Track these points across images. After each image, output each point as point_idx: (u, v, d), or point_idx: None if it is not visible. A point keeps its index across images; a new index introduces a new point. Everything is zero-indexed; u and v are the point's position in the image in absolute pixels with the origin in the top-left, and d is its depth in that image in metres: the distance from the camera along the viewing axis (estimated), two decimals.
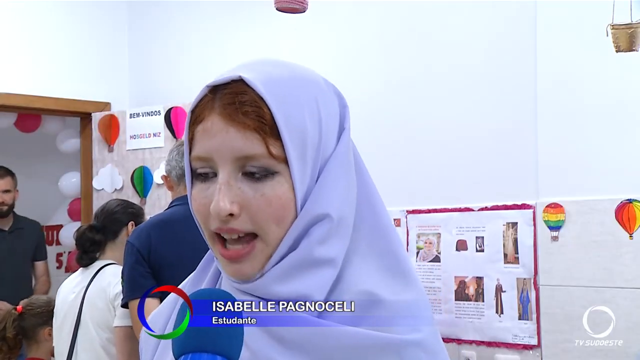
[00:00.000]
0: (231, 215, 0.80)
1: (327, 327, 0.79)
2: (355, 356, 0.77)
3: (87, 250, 3.06)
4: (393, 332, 0.78)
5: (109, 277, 2.93)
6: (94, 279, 2.97)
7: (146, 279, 2.53)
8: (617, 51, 2.43)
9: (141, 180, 4.36)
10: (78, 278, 3.09)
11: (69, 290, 3.07)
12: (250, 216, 0.81)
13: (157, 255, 2.53)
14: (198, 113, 0.83)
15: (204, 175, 0.83)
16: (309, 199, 0.82)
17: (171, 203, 2.74)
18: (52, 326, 3.12)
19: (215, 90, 0.82)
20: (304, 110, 0.82)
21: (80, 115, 4.78)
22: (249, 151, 0.80)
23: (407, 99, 3.36)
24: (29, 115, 5.18)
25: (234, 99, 0.80)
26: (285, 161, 0.81)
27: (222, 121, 0.80)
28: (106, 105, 4.72)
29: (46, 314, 3.16)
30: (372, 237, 0.87)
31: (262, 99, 0.80)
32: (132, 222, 3.06)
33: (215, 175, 0.82)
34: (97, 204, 4.50)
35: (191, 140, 0.84)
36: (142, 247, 2.54)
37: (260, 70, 0.83)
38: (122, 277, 2.64)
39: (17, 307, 3.23)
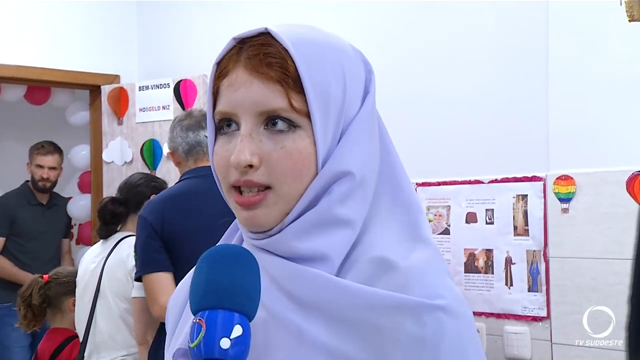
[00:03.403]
0: (250, 166, 0.80)
1: (345, 286, 0.79)
2: (373, 316, 0.77)
3: (108, 223, 3.09)
4: (411, 295, 0.77)
5: (128, 248, 2.95)
6: (114, 250, 3.01)
7: (159, 253, 2.53)
8: (630, 21, 2.40)
9: (150, 153, 4.37)
10: (99, 249, 3.13)
11: (90, 261, 3.12)
12: (269, 169, 0.81)
13: (170, 228, 2.52)
14: (223, 66, 0.84)
15: (227, 128, 0.84)
16: (331, 157, 0.82)
17: (182, 176, 2.74)
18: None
19: (242, 44, 0.83)
20: (328, 68, 0.82)
21: (89, 87, 4.79)
22: (271, 105, 0.80)
23: (417, 70, 3.34)
24: (39, 87, 5.18)
25: (259, 51, 0.81)
26: (308, 116, 0.81)
27: (246, 73, 0.81)
28: (115, 78, 4.72)
29: (71, 284, 3.20)
30: (393, 204, 0.87)
31: (287, 52, 0.80)
32: (154, 195, 3.08)
33: (238, 128, 0.82)
34: (107, 176, 4.52)
35: (215, 94, 0.85)
36: (154, 221, 2.53)
37: (287, 28, 0.83)
38: (134, 251, 2.65)
39: (44, 275, 3.27)
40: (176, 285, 2.55)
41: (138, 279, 2.62)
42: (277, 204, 0.82)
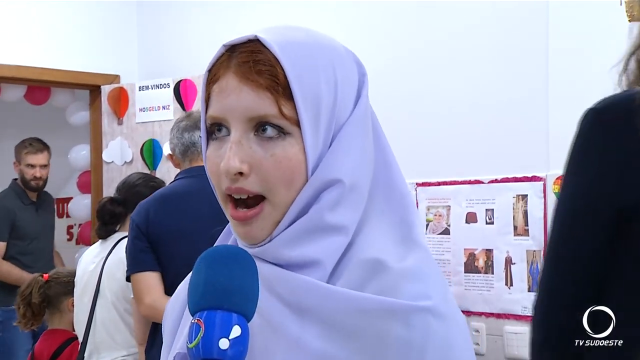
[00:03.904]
0: (241, 174, 0.80)
1: (335, 292, 0.79)
2: (363, 320, 0.77)
3: (107, 223, 3.09)
4: (401, 297, 0.78)
5: None
6: (113, 250, 3.01)
7: (145, 253, 2.56)
8: (630, 20, 2.40)
9: (150, 153, 4.37)
10: (97, 249, 3.13)
11: (89, 261, 3.12)
12: (259, 177, 0.80)
13: (155, 229, 2.55)
14: (214, 72, 0.84)
15: (218, 133, 0.83)
16: (321, 164, 0.82)
17: (176, 176, 2.76)
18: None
19: (232, 50, 0.83)
20: (319, 74, 0.82)
21: (89, 87, 4.79)
22: (261, 111, 0.80)
23: (417, 70, 3.34)
24: (39, 87, 5.18)
25: (249, 58, 0.81)
26: (298, 123, 0.80)
27: (236, 79, 0.81)
28: (115, 78, 4.72)
29: (71, 284, 3.20)
30: (387, 207, 0.87)
31: (277, 59, 0.80)
32: None
33: (229, 134, 0.82)
34: (107, 176, 4.52)
35: (207, 99, 0.85)
36: (140, 222, 2.57)
37: (278, 33, 0.83)
38: (125, 253, 2.68)
39: (44, 275, 3.27)
40: (163, 285, 2.60)
41: (127, 279, 2.64)
42: (272, 215, 0.82)
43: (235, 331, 0.72)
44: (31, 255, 4.59)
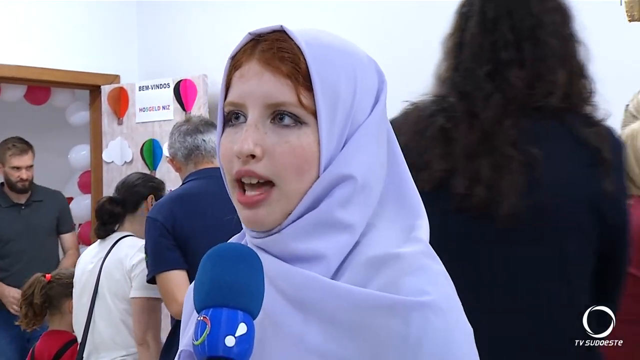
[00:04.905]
0: (253, 156, 0.81)
1: (337, 287, 0.79)
2: (363, 316, 0.77)
3: (106, 222, 3.09)
4: (402, 293, 0.78)
5: (126, 248, 2.95)
6: (112, 250, 3.00)
7: (172, 251, 2.54)
8: (630, 21, 2.40)
9: (150, 153, 4.37)
10: (96, 249, 3.12)
11: (87, 261, 3.11)
12: (271, 162, 0.81)
13: (181, 228, 2.54)
14: (237, 59, 0.85)
15: (235, 120, 0.85)
16: (335, 160, 0.83)
17: (185, 179, 2.76)
18: None
19: (257, 39, 0.85)
20: (340, 72, 0.83)
21: (89, 87, 4.79)
22: (280, 97, 0.81)
23: (417, 70, 3.33)
24: (39, 87, 5.18)
25: (273, 45, 0.83)
26: (315, 114, 0.82)
27: (259, 65, 0.83)
28: (115, 78, 4.73)
29: (72, 286, 3.19)
30: (396, 212, 0.88)
31: (300, 49, 0.82)
32: (152, 195, 3.07)
33: (245, 121, 0.83)
34: (107, 176, 4.52)
35: (227, 87, 0.86)
36: (165, 221, 2.55)
37: (304, 29, 0.85)
38: (145, 253, 2.66)
39: (46, 275, 3.27)
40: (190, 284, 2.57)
41: (152, 279, 2.62)
42: (280, 202, 0.82)
43: (241, 329, 0.73)
44: (8, 259, 4.35)
